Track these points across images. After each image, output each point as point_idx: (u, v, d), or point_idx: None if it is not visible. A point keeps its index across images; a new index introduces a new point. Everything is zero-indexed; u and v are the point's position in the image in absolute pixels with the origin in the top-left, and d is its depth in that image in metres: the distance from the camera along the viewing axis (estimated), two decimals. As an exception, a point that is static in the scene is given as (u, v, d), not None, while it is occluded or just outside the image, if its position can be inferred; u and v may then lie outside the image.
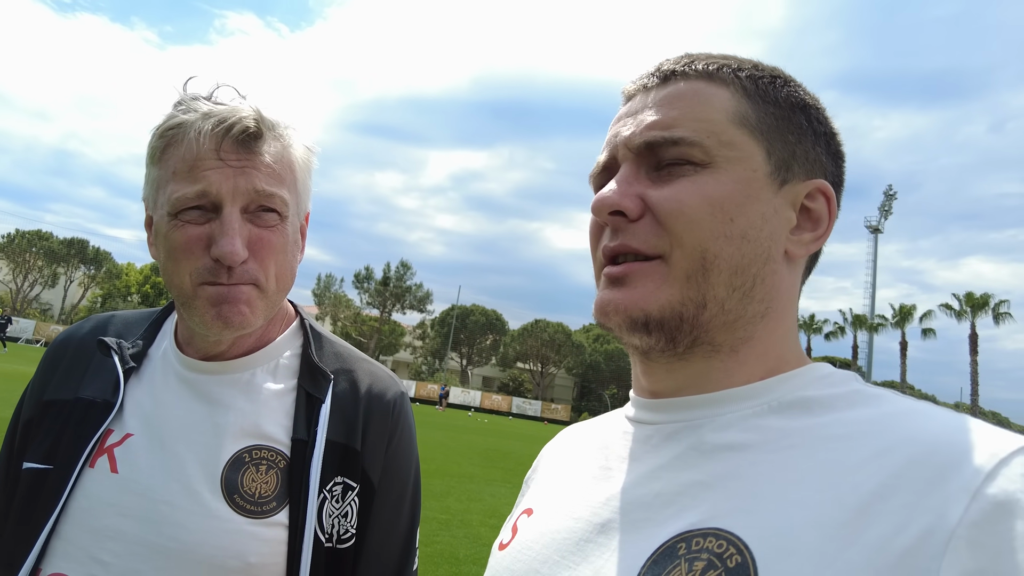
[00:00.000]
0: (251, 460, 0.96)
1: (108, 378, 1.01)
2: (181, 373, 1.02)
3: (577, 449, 0.78)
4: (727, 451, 0.59)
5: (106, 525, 0.90)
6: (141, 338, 1.08)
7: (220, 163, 0.91)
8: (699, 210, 0.62)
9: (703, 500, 0.56)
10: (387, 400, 1.08)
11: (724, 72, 0.66)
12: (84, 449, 0.94)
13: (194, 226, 0.91)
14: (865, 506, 0.48)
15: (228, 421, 0.98)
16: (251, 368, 1.03)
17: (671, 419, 0.65)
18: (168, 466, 0.94)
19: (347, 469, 1.00)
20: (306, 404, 1.02)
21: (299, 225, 1.03)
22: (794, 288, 0.67)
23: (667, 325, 0.63)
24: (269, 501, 0.94)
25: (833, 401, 0.59)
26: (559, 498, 0.71)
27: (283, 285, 0.99)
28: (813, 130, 0.66)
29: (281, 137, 0.98)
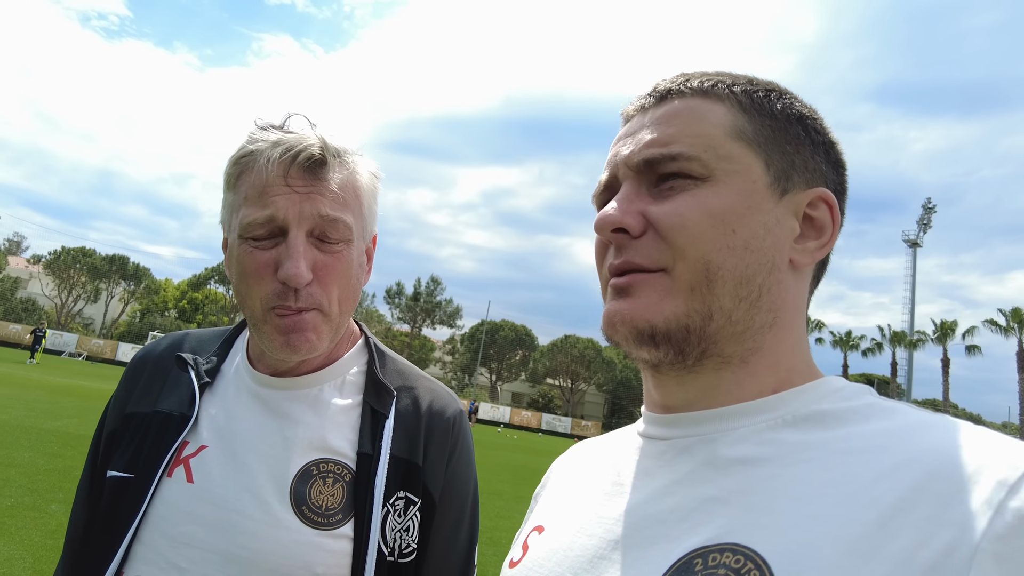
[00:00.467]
0: (318, 473, 0.99)
1: (184, 392, 1.06)
2: (253, 388, 1.06)
3: (588, 465, 0.77)
4: (742, 465, 0.58)
5: (182, 532, 0.94)
6: (215, 354, 1.12)
7: (287, 189, 0.94)
8: (700, 223, 0.62)
9: (719, 515, 0.56)
10: (447, 417, 1.11)
11: (719, 88, 0.67)
12: (163, 459, 0.98)
13: (262, 251, 0.96)
14: (885, 520, 0.47)
15: (297, 435, 1.01)
16: (319, 384, 1.06)
17: (684, 434, 0.65)
18: (240, 477, 0.98)
19: (409, 484, 1.02)
20: (371, 419, 1.04)
21: (364, 248, 1.06)
22: (801, 297, 0.67)
23: (674, 337, 0.63)
24: (335, 513, 0.97)
25: (848, 414, 0.58)
26: (570, 515, 0.71)
27: (346, 308, 1.02)
28: (811, 140, 0.67)
29: (347, 164, 1.01)
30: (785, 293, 0.64)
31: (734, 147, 0.64)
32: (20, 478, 6.62)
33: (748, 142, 0.65)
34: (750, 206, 0.63)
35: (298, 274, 0.92)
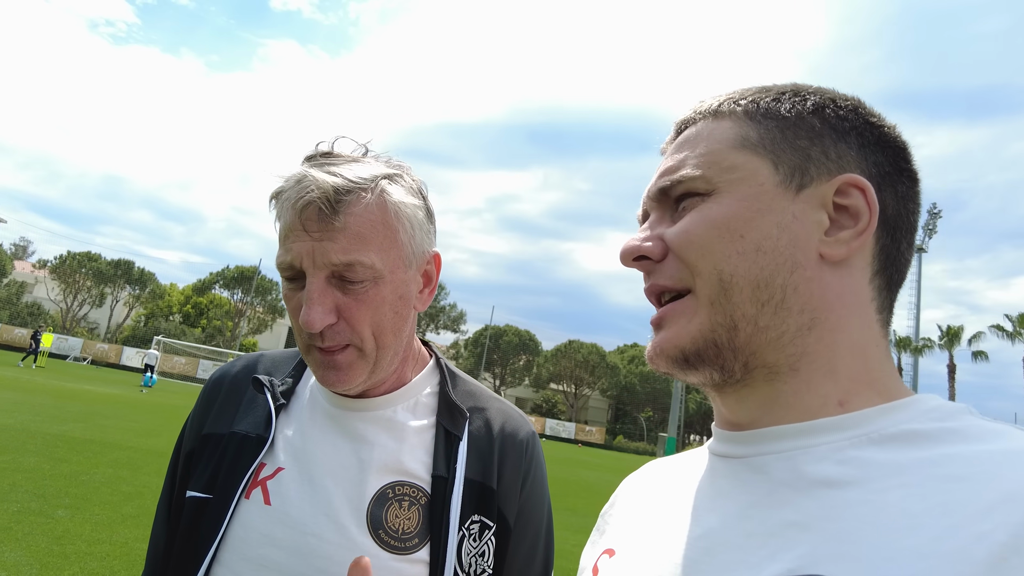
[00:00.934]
0: (394, 496, 0.99)
1: (260, 414, 1.06)
2: (327, 409, 1.06)
3: (660, 485, 0.75)
4: (824, 488, 0.54)
5: (260, 555, 0.94)
6: (289, 376, 1.12)
7: (303, 234, 0.93)
8: (706, 235, 0.62)
9: (799, 543, 0.52)
10: (520, 439, 1.10)
11: (725, 105, 0.68)
12: (241, 481, 0.98)
13: (294, 292, 0.97)
14: (998, 561, 0.43)
15: (372, 457, 1.01)
16: (393, 406, 1.06)
17: (758, 451, 0.62)
18: (317, 500, 0.97)
19: (484, 508, 1.02)
20: (445, 441, 1.04)
21: (404, 278, 1.00)
22: (852, 295, 0.62)
23: (705, 355, 0.62)
24: (412, 537, 0.96)
25: (945, 436, 0.54)
26: (643, 538, 0.68)
27: (386, 342, 0.99)
28: (832, 127, 0.64)
29: (365, 198, 0.95)
30: (822, 291, 0.61)
31: (738, 156, 0.64)
32: (26, 483, 6.64)
33: (753, 148, 0.64)
34: (758, 209, 0.62)
35: (309, 321, 0.92)
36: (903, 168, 0.65)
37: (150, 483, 7.64)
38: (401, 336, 1.03)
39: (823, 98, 0.66)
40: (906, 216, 0.64)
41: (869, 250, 0.63)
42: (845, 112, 0.65)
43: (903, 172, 0.65)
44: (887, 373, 0.62)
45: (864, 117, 0.65)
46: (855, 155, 0.64)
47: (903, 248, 0.65)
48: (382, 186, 0.98)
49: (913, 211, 0.65)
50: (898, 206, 0.64)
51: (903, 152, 0.66)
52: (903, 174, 0.65)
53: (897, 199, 0.64)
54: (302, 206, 0.93)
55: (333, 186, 0.93)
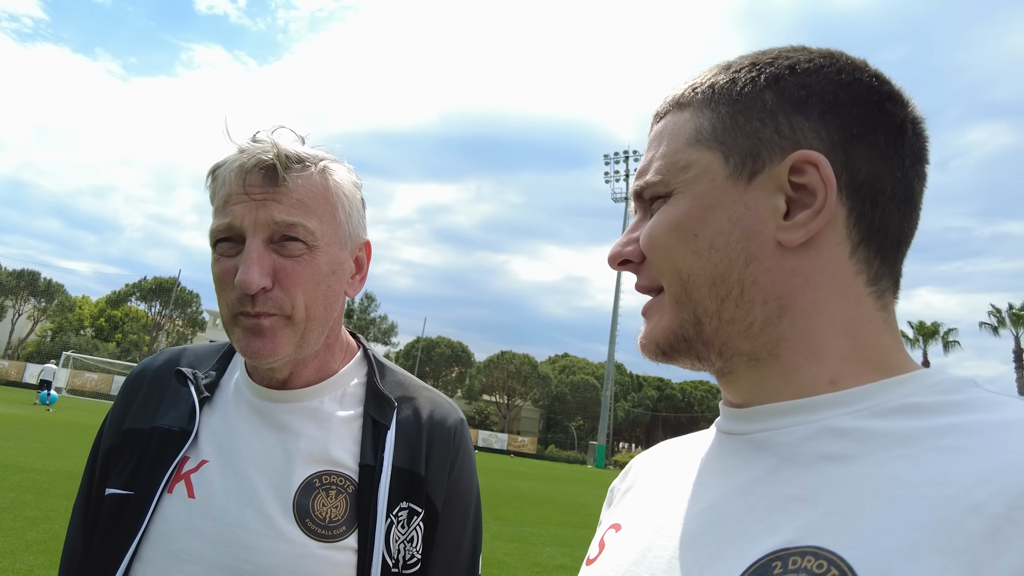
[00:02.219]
0: (321, 485, 0.99)
1: (183, 407, 1.05)
2: (252, 402, 1.06)
3: (668, 463, 0.75)
4: (825, 462, 0.54)
5: (184, 548, 0.93)
6: (213, 369, 1.12)
7: (245, 197, 0.95)
8: (664, 237, 0.63)
9: (799, 515, 0.52)
10: (448, 426, 1.12)
11: (687, 94, 0.68)
12: (163, 475, 0.97)
13: (227, 259, 0.97)
14: (992, 532, 0.42)
15: (299, 447, 1.01)
16: (319, 396, 1.07)
17: (760, 427, 0.62)
18: (242, 491, 0.97)
19: (412, 495, 1.03)
20: (372, 430, 1.05)
21: (339, 256, 1.04)
22: (823, 275, 0.60)
23: (677, 348, 0.64)
24: (339, 525, 0.97)
25: (947, 408, 0.53)
26: (648, 513, 0.69)
27: (315, 314, 1.00)
28: (787, 99, 0.61)
29: (309, 170, 1.00)
30: (786, 278, 0.60)
31: (692, 153, 0.64)
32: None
33: (705, 141, 0.64)
34: (710, 205, 0.62)
35: (246, 280, 0.91)
36: (880, 122, 0.60)
37: (58, 507, 7.25)
38: (330, 313, 1.04)
39: (780, 67, 0.63)
40: (888, 174, 0.60)
41: (840, 222, 0.60)
42: (805, 77, 0.62)
43: (879, 126, 0.60)
44: (885, 347, 0.60)
45: (829, 77, 0.61)
46: (813, 124, 0.60)
47: (891, 210, 0.60)
48: (326, 164, 1.03)
49: (899, 165, 0.60)
50: (875, 166, 0.60)
51: (880, 105, 0.61)
52: (879, 128, 0.60)
53: (873, 158, 0.60)
54: (251, 166, 0.96)
55: (284, 151, 0.97)
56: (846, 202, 0.60)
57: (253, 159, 0.96)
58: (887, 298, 0.62)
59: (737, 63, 0.67)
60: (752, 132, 0.62)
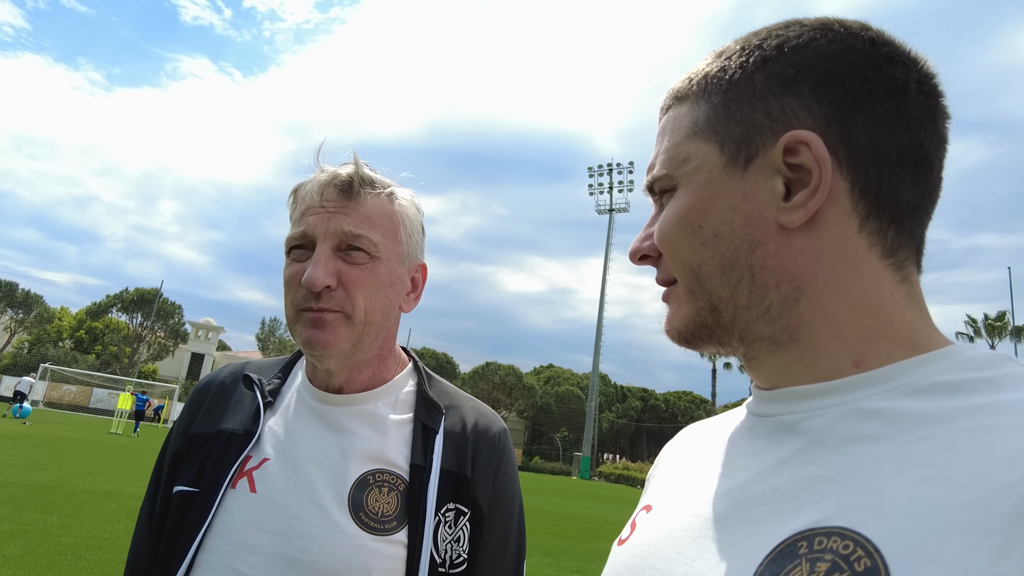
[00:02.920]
0: (374, 482, 1.06)
1: (247, 411, 1.14)
2: (312, 405, 1.14)
3: (697, 445, 0.76)
4: (852, 443, 0.54)
5: (245, 539, 0.99)
6: (277, 376, 1.21)
7: (321, 209, 1.08)
8: (673, 231, 0.65)
9: (826, 496, 0.52)
10: (492, 434, 1.19)
11: (684, 87, 0.68)
12: (227, 472, 1.05)
13: (297, 263, 1.08)
14: (1022, 513, 0.41)
15: (354, 446, 1.09)
16: (374, 401, 1.15)
17: (789, 410, 0.61)
18: (300, 486, 1.04)
19: (459, 496, 1.09)
20: (422, 434, 1.12)
21: (398, 271, 1.14)
22: (833, 252, 0.59)
23: (698, 335, 0.65)
24: (390, 520, 1.03)
25: (980, 385, 0.51)
26: (677, 494, 0.70)
27: (373, 318, 1.09)
28: (776, 80, 0.61)
29: (380, 192, 1.13)
30: (795, 259, 0.59)
31: (691, 146, 0.65)
32: None
33: (702, 133, 0.64)
34: (710, 196, 0.62)
35: (313, 277, 1.02)
36: (877, 87, 0.59)
37: (36, 520, 7.16)
38: (386, 320, 1.13)
39: (769, 48, 0.63)
40: (893, 138, 0.58)
41: (844, 197, 0.59)
42: (794, 54, 0.61)
43: (877, 92, 0.58)
44: (911, 322, 0.59)
45: (819, 50, 0.60)
46: (804, 102, 0.60)
47: (902, 176, 0.59)
48: (394, 190, 1.16)
49: (904, 128, 0.58)
50: (875, 134, 0.58)
51: (877, 68, 0.59)
52: (877, 94, 0.58)
53: (872, 127, 0.58)
54: (328, 179, 1.09)
55: (362, 175, 1.11)
56: (847, 175, 0.58)
57: (332, 175, 1.09)
58: (908, 269, 0.60)
59: (728, 49, 0.66)
60: (744, 118, 0.62)
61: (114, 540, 6.75)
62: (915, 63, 0.60)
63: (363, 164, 1.13)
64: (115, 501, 9.09)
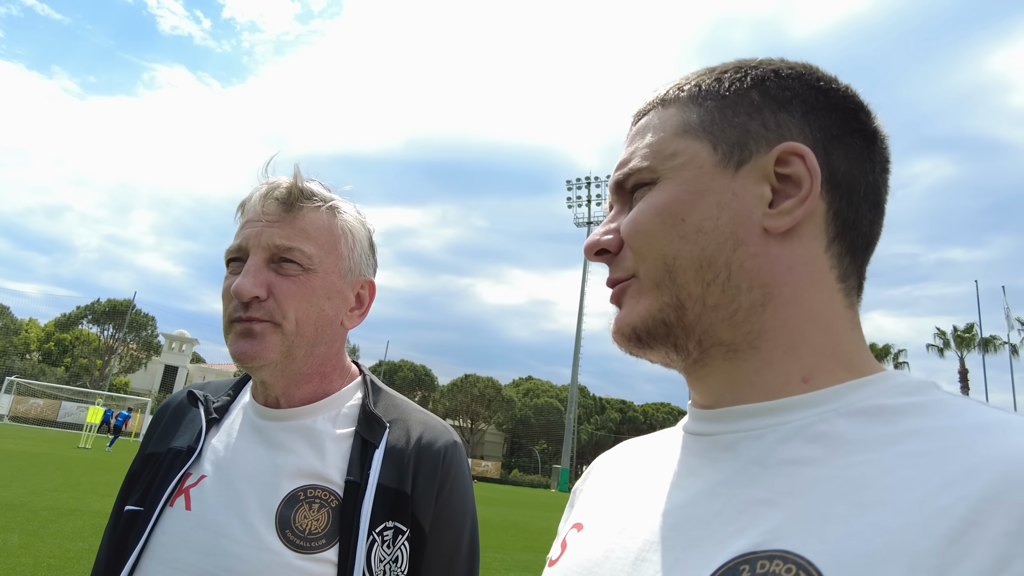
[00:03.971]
0: (305, 498, 1.03)
1: (194, 429, 1.15)
2: (253, 421, 1.13)
3: (632, 462, 0.75)
4: (792, 465, 0.55)
5: (177, 558, 0.99)
6: (227, 394, 1.21)
7: (256, 222, 1.08)
8: (650, 222, 0.64)
9: (767, 518, 0.52)
10: (437, 448, 1.14)
11: (671, 93, 0.70)
12: (166, 490, 1.05)
13: (232, 276, 1.08)
14: (957, 535, 0.43)
15: (288, 462, 1.06)
16: (313, 415, 1.13)
17: (728, 429, 0.62)
18: (231, 503, 1.02)
19: (398, 513, 1.05)
20: (361, 449, 1.09)
21: (337, 284, 1.13)
22: (803, 265, 0.61)
23: (655, 333, 0.64)
24: (319, 538, 1.00)
25: (911, 410, 0.54)
26: (611, 513, 0.68)
27: (305, 331, 1.08)
28: (772, 99, 0.64)
29: (320, 205, 1.12)
30: (771, 265, 0.61)
31: (680, 143, 0.65)
32: None
33: (692, 132, 0.65)
34: (698, 190, 0.63)
35: (241, 287, 1.01)
36: (855, 128, 0.64)
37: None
38: (321, 334, 1.11)
39: (764, 71, 0.66)
40: (862, 176, 0.63)
41: (820, 216, 0.62)
42: (787, 81, 0.65)
43: (855, 132, 0.64)
44: (854, 346, 0.61)
45: (809, 83, 0.65)
46: (797, 122, 0.63)
47: (864, 211, 0.63)
48: (336, 203, 1.15)
49: (871, 171, 0.63)
50: (851, 167, 0.62)
51: (855, 113, 0.64)
52: (855, 134, 0.63)
53: (849, 160, 0.63)
54: (267, 190, 1.10)
55: (300, 187, 1.11)
56: (825, 197, 0.62)
57: (271, 188, 1.10)
58: (853, 297, 0.63)
59: (722, 67, 0.69)
60: (740, 124, 0.64)
61: (77, 559, 6.54)
62: (876, 118, 0.66)
63: (302, 177, 1.13)
64: (80, 519, 8.83)
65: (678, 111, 0.67)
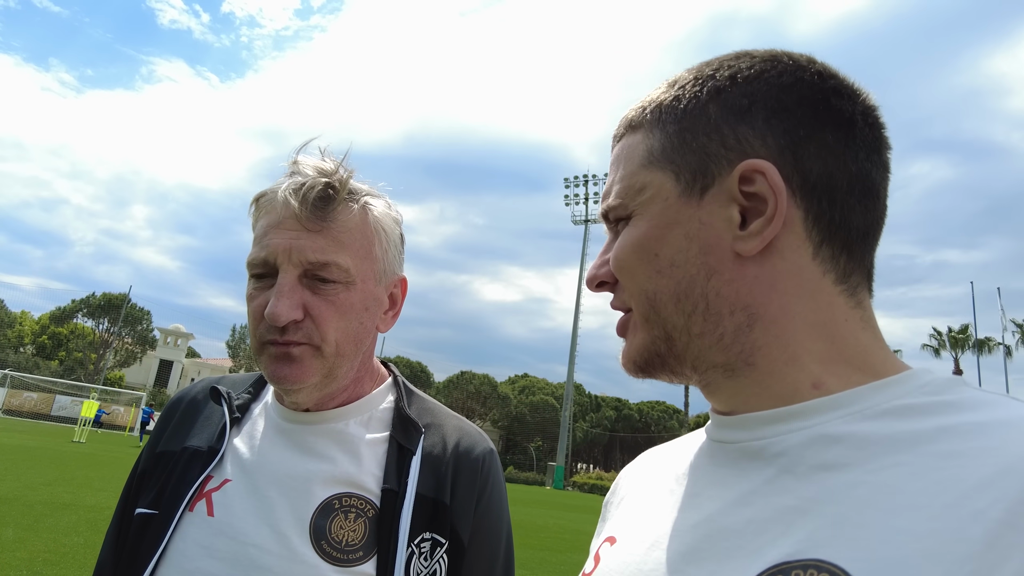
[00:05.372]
0: (340, 507, 0.97)
1: (214, 428, 1.07)
2: (278, 423, 1.06)
3: (659, 472, 0.74)
4: (822, 471, 0.53)
5: (198, 567, 0.92)
6: (247, 392, 1.13)
7: (283, 231, 0.96)
8: (628, 259, 0.64)
9: (799, 527, 0.51)
10: (475, 456, 1.09)
11: (636, 116, 0.69)
12: (186, 494, 0.98)
13: (259, 292, 0.98)
14: (994, 539, 0.42)
15: (320, 468, 1.00)
16: (345, 419, 1.06)
17: (753, 436, 0.61)
18: (260, 510, 0.96)
19: (436, 525, 1.00)
20: (397, 455, 1.03)
21: (374, 292, 1.04)
22: (787, 279, 0.59)
23: (652, 363, 0.65)
24: (356, 550, 0.95)
25: (940, 409, 0.52)
26: (643, 525, 0.68)
27: (345, 350, 1.00)
28: (730, 110, 0.62)
29: (354, 205, 1.01)
30: (750, 287, 0.60)
31: (646, 175, 0.65)
32: None
33: (656, 162, 0.64)
34: (666, 224, 0.62)
35: (275, 313, 0.92)
36: (826, 119, 0.60)
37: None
38: (360, 348, 1.04)
39: (722, 78, 0.64)
40: (842, 169, 0.60)
41: (798, 225, 0.60)
42: (747, 85, 0.62)
43: (826, 124, 0.60)
44: (866, 346, 0.60)
45: (770, 81, 0.62)
46: (759, 132, 0.61)
47: (851, 203, 0.60)
48: (367, 200, 1.04)
49: (853, 159, 0.60)
50: (826, 163, 0.60)
51: (825, 101, 0.61)
52: (826, 126, 0.60)
53: (823, 156, 0.60)
54: (299, 189, 0.96)
55: (341, 184, 0.98)
56: (801, 204, 0.59)
57: (303, 186, 0.96)
58: (860, 294, 0.62)
59: (682, 78, 0.67)
60: (699, 148, 0.62)
61: (73, 554, 6.52)
62: (859, 96, 0.62)
63: (344, 170, 1.01)
64: (75, 513, 8.79)
65: (643, 138, 0.66)
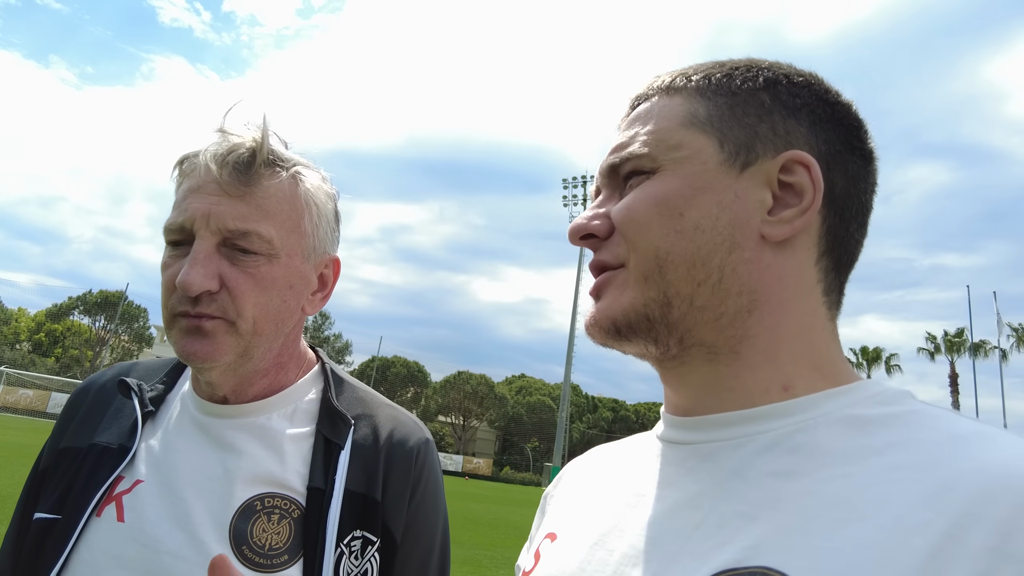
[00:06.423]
0: (263, 508, 0.91)
1: (125, 423, 0.97)
2: (196, 417, 0.98)
3: (606, 470, 0.74)
4: (772, 477, 0.54)
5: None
6: (161, 382, 1.04)
7: (203, 195, 0.89)
8: (647, 212, 0.62)
9: (746, 533, 0.51)
10: (409, 447, 1.03)
11: (678, 81, 0.68)
12: (93, 497, 0.89)
13: (174, 259, 0.91)
14: (937, 550, 0.43)
15: (240, 467, 0.93)
16: (267, 412, 0.99)
17: (707, 438, 0.61)
18: (175, 514, 0.88)
19: (367, 522, 0.94)
20: (324, 450, 0.96)
21: (300, 268, 0.97)
22: (793, 276, 0.61)
23: (637, 327, 0.62)
24: (280, 554, 0.89)
25: (889, 421, 0.54)
26: (586, 524, 0.67)
27: (264, 328, 0.93)
28: (783, 104, 0.63)
29: (282, 172, 0.94)
30: (762, 273, 0.60)
31: (685, 134, 0.63)
32: None
33: (700, 125, 0.63)
34: (700, 187, 0.61)
35: (187, 282, 0.85)
36: (855, 147, 0.64)
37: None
38: (281, 329, 0.97)
39: (776, 74, 0.65)
40: (856, 196, 0.63)
41: (815, 230, 0.62)
42: (798, 88, 0.64)
43: (855, 151, 0.64)
44: (833, 356, 0.62)
45: (818, 94, 0.64)
46: (805, 132, 0.62)
47: (852, 229, 0.63)
48: (298, 170, 0.97)
49: (865, 191, 0.64)
50: (848, 185, 0.62)
51: (856, 131, 0.64)
52: (855, 152, 0.64)
53: (847, 178, 0.62)
54: (221, 152, 0.90)
55: (265, 149, 0.91)
56: (822, 211, 0.61)
57: (227, 149, 0.90)
58: (834, 311, 0.64)
59: (732, 62, 0.67)
60: (749, 125, 0.62)
61: (68, 552, 6.50)
62: (871, 139, 0.65)
63: (271, 133, 0.94)
64: (71, 511, 8.76)
65: (684, 101, 0.65)
